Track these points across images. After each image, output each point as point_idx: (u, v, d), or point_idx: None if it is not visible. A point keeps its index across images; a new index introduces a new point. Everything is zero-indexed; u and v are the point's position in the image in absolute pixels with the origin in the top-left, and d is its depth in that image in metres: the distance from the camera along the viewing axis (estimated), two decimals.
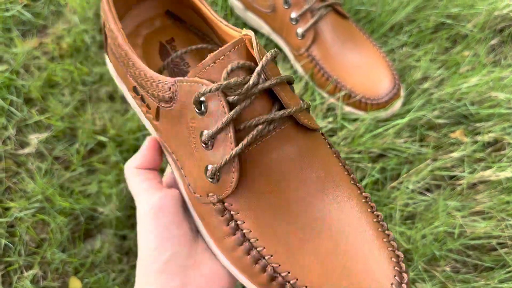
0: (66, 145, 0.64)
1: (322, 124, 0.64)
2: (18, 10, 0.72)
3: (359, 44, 0.67)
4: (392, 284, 0.29)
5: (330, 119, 0.64)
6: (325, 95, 0.67)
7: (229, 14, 0.74)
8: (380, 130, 0.63)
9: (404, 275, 0.30)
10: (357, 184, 0.35)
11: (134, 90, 0.38)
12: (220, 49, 0.31)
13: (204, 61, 0.31)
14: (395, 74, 0.65)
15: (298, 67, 0.69)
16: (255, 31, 0.73)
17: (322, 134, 0.37)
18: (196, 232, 0.38)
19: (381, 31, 0.72)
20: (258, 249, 0.31)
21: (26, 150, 0.63)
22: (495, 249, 0.60)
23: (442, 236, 0.59)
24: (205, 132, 0.31)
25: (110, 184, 0.61)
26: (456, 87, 0.66)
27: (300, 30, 0.66)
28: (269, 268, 0.31)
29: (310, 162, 0.33)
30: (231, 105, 0.31)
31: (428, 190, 0.63)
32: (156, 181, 0.38)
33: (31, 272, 0.57)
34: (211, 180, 0.32)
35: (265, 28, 0.72)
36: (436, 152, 0.64)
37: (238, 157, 0.31)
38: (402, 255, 0.31)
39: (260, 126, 0.31)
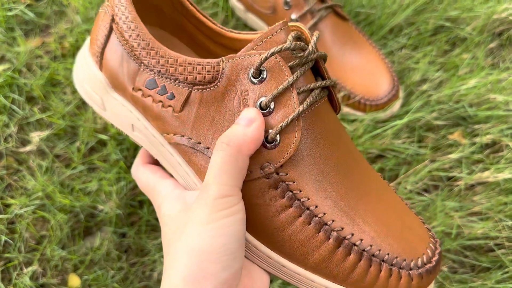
0: (67, 143, 0.64)
1: None
2: (21, 9, 0.72)
3: (358, 46, 0.67)
4: (430, 243, 0.34)
5: None
6: None
7: (230, 16, 0.75)
8: (378, 131, 0.63)
9: (437, 242, 0.35)
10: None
11: (148, 85, 0.37)
12: (269, 28, 0.34)
13: (257, 38, 0.33)
14: (394, 76, 0.66)
15: None
16: None
17: None
18: None
19: (380, 33, 0.73)
20: (319, 215, 0.32)
21: (27, 148, 0.63)
22: (493, 250, 0.60)
23: (440, 236, 0.59)
24: (264, 98, 0.32)
25: (110, 182, 0.61)
26: (454, 89, 0.67)
27: None
28: (334, 234, 0.32)
29: (343, 134, 0.36)
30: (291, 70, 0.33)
31: (426, 190, 0.64)
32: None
33: (30, 268, 0.57)
34: (269, 145, 0.32)
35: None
36: (434, 153, 0.64)
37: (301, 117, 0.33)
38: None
39: (316, 91, 0.34)
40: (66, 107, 0.65)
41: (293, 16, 0.66)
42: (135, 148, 0.63)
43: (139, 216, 0.62)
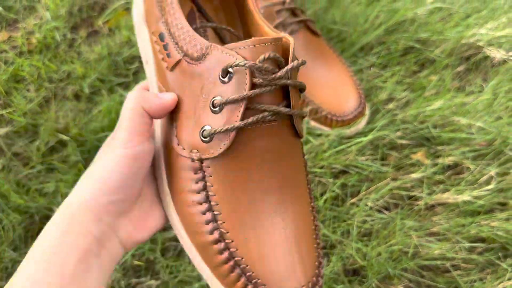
0: (27, 141, 0.63)
1: None
2: None
3: (328, 62, 0.68)
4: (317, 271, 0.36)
5: None
6: None
7: None
8: (343, 146, 0.63)
9: (320, 279, 0.35)
10: (310, 194, 0.39)
11: (160, 36, 0.40)
12: (263, 37, 0.35)
13: (244, 41, 0.34)
14: (361, 93, 0.66)
15: None
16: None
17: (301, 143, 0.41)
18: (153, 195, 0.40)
19: (351, 51, 0.74)
20: (218, 219, 0.35)
21: None
22: (449, 271, 0.61)
23: (397, 254, 0.60)
24: (219, 98, 0.34)
25: (68, 183, 0.59)
26: (420, 110, 0.68)
27: None
28: (222, 245, 0.34)
29: (285, 161, 0.37)
30: (252, 85, 0.34)
31: (386, 208, 0.64)
32: (148, 126, 0.38)
33: None
34: (203, 139, 0.35)
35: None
36: (397, 171, 0.65)
37: (236, 131, 0.34)
38: (323, 262, 0.37)
39: (265, 113, 0.35)
40: (29, 105, 0.64)
41: None
42: (96, 150, 0.62)
43: None
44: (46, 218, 0.60)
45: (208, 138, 0.35)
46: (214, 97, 0.35)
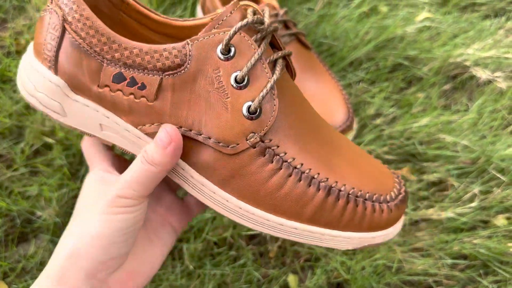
0: (11, 143, 0.62)
1: None
2: None
3: (318, 75, 0.68)
4: (394, 177, 0.40)
5: None
6: None
7: None
8: None
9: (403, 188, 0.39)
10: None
11: (116, 78, 0.36)
12: (223, 10, 0.34)
13: (215, 19, 0.34)
14: (350, 108, 0.67)
15: None
16: None
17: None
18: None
19: (341, 65, 0.74)
20: (306, 171, 0.35)
21: None
22: (431, 287, 0.61)
23: (381, 269, 0.60)
24: (238, 73, 0.34)
25: (51, 187, 0.59)
26: (406, 126, 0.69)
27: None
28: (322, 184, 0.35)
29: (304, 98, 0.39)
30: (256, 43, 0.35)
31: None
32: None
33: None
34: (252, 116, 0.34)
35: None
36: None
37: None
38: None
39: (280, 60, 0.35)
40: (15, 106, 0.63)
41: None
42: (82, 154, 0.61)
43: None
44: (28, 221, 0.59)
45: (256, 113, 0.34)
46: (232, 76, 0.34)
